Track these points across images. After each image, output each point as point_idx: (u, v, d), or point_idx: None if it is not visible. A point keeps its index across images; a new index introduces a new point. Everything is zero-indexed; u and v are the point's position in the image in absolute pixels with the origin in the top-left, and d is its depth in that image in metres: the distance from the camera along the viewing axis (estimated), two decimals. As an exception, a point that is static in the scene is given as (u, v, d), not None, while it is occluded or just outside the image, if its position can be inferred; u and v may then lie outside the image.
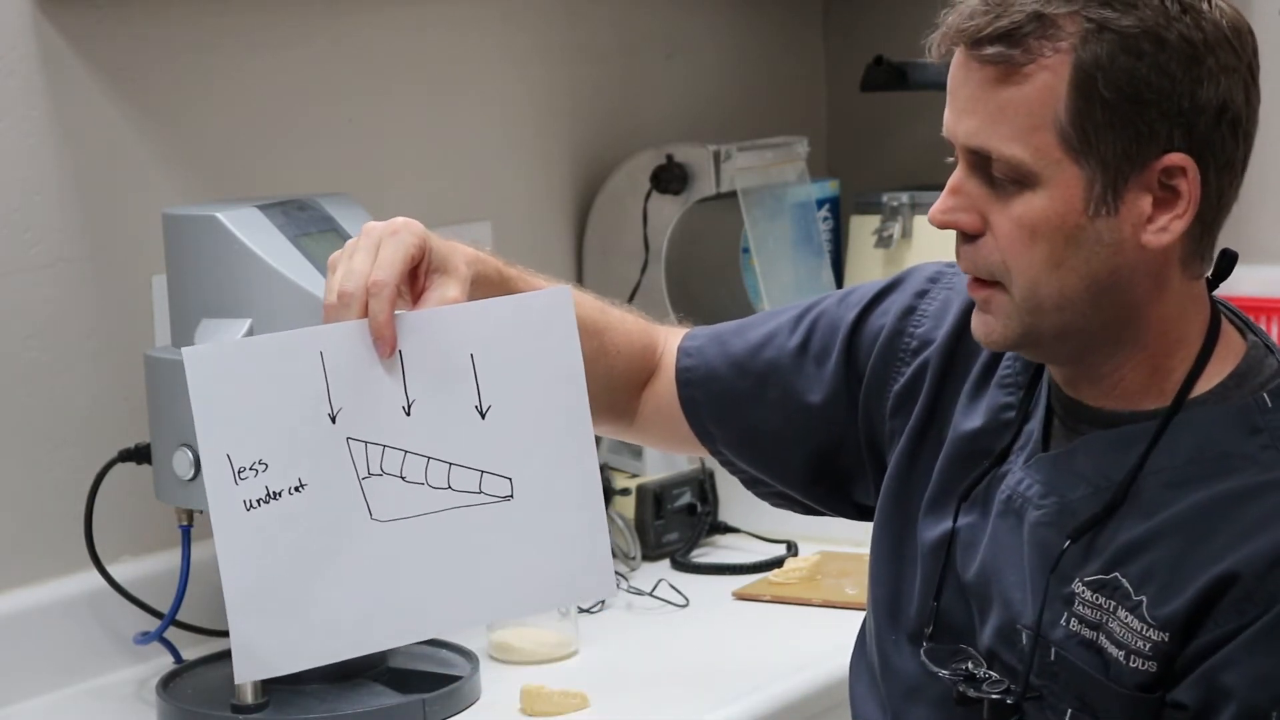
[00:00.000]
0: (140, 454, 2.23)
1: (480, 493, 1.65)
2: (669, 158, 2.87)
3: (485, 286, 1.73)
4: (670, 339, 1.97)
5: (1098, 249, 1.58)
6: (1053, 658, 1.63)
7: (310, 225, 2.12)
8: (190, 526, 2.19)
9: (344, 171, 2.57)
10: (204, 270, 2.08)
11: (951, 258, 1.70)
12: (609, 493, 2.67)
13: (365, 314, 1.62)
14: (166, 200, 2.30)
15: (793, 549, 2.67)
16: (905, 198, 2.98)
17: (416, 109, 2.70)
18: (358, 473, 1.63)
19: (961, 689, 1.67)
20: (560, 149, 2.93)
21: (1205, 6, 1.57)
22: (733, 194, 2.87)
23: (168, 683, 2.20)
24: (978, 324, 1.67)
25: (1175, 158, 1.56)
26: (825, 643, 2.32)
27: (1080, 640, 1.62)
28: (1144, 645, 1.59)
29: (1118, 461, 1.63)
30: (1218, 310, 1.67)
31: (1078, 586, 1.62)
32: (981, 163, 1.62)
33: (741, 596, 2.51)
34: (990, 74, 1.59)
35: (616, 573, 2.56)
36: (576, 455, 1.67)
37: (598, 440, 2.81)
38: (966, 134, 1.63)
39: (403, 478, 1.63)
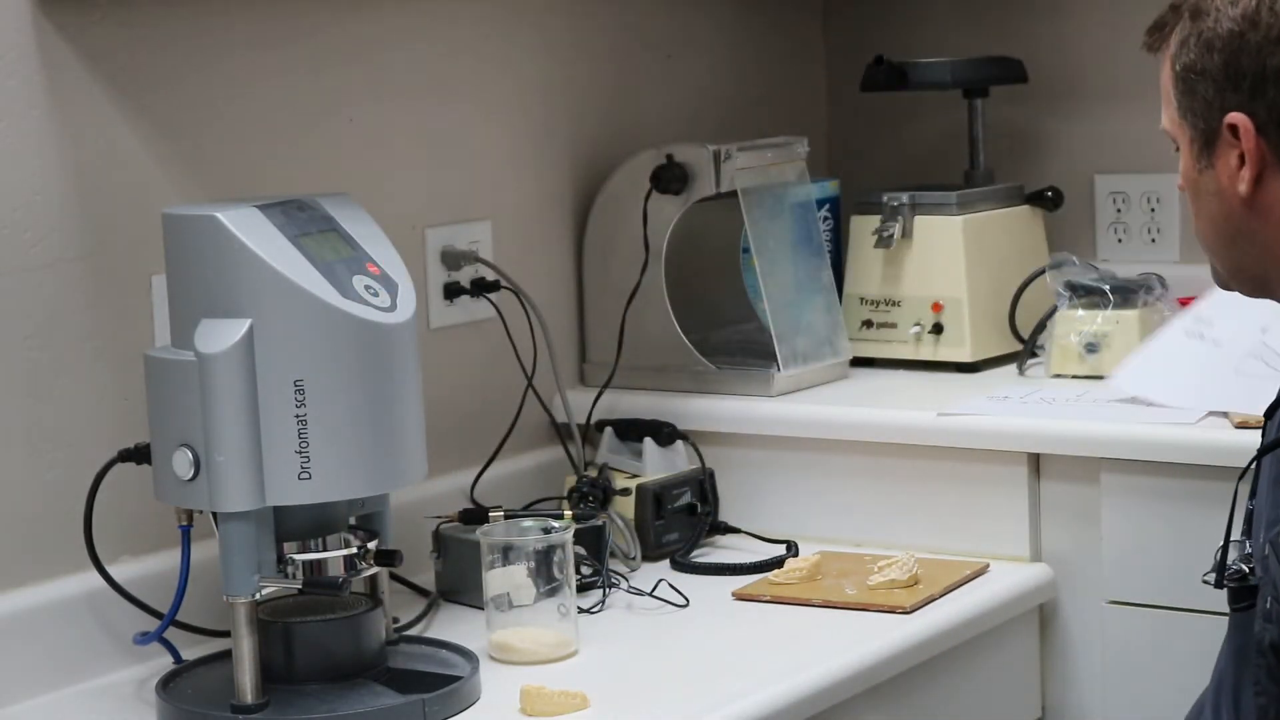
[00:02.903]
0: (140, 454, 2.23)
1: None
2: (669, 158, 2.87)
3: None
4: None
5: (1210, 199, 1.93)
6: (1266, 553, 1.90)
7: (310, 225, 2.12)
8: (190, 526, 2.18)
9: (344, 171, 2.57)
10: (204, 270, 2.07)
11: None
12: (609, 493, 2.67)
13: None
14: (166, 200, 2.30)
15: (793, 549, 2.67)
16: (905, 198, 2.98)
17: (416, 109, 2.70)
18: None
19: (1208, 576, 1.97)
20: (560, 149, 2.93)
21: None
22: (733, 194, 2.87)
23: (167, 683, 2.20)
24: None
25: (1231, 117, 1.87)
26: (825, 643, 2.33)
27: None
28: None
29: None
30: None
31: None
32: None
33: (741, 596, 2.51)
34: (1159, 62, 1.97)
35: (616, 573, 2.56)
36: None
37: (595, 440, 2.81)
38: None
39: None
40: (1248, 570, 1.94)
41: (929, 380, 2.91)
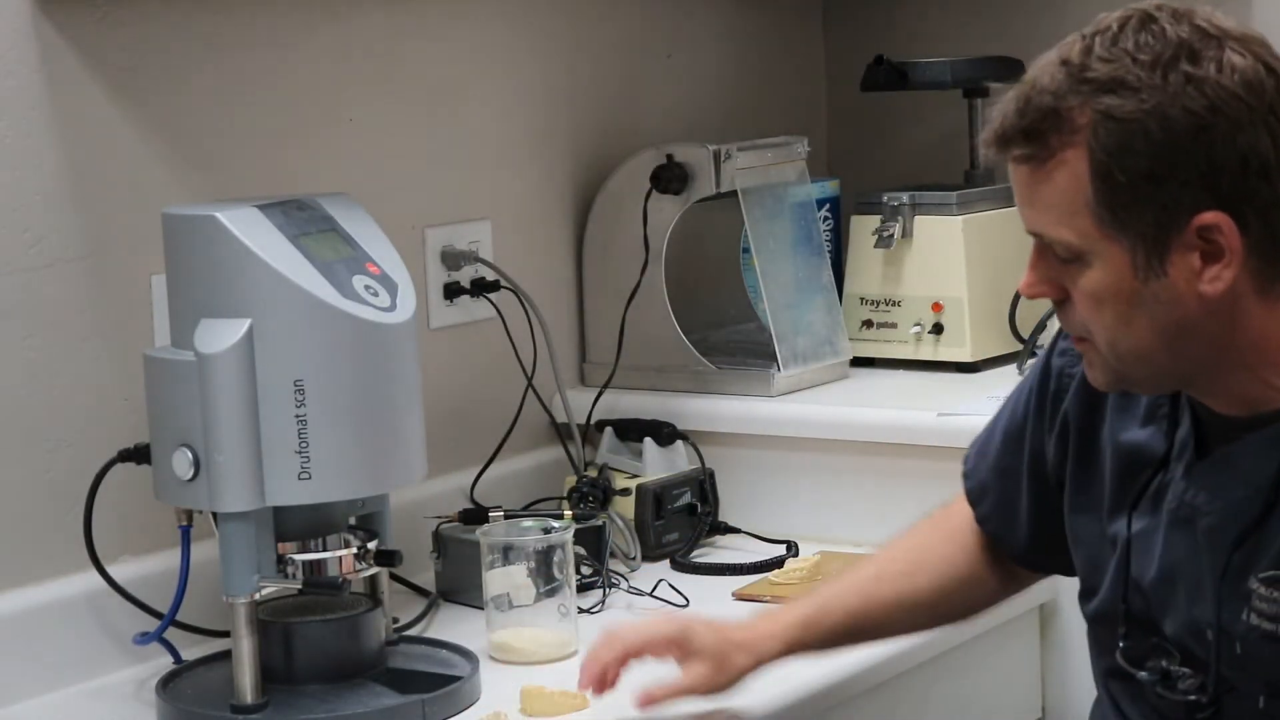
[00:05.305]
0: (140, 454, 2.23)
1: None
2: (669, 158, 2.87)
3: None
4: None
5: (1158, 307, 1.70)
6: (1239, 651, 1.74)
7: (310, 225, 2.12)
8: (189, 526, 2.19)
9: (344, 171, 2.57)
10: (203, 270, 2.08)
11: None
12: (609, 493, 2.67)
13: None
14: (166, 200, 2.30)
15: (793, 549, 2.66)
16: (905, 198, 2.98)
17: (416, 109, 2.70)
18: None
19: (1160, 691, 1.81)
20: (560, 149, 2.93)
21: (1210, 70, 1.65)
22: (733, 194, 2.87)
23: (167, 683, 2.20)
24: (1087, 373, 1.82)
25: (1206, 217, 1.66)
26: (825, 643, 2.32)
27: (1261, 633, 1.72)
28: None
29: (1271, 459, 1.72)
30: None
31: (1254, 583, 1.73)
32: (1046, 243, 1.74)
33: (741, 597, 2.51)
34: (1024, 172, 1.72)
35: (616, 573, 2.56)
36: None
37: (595, 440, 2.81)
38: (1026, 222, 1.75)
39: None
40: (1188, 672, 1.79)
41: (929, 380, 2.91)
